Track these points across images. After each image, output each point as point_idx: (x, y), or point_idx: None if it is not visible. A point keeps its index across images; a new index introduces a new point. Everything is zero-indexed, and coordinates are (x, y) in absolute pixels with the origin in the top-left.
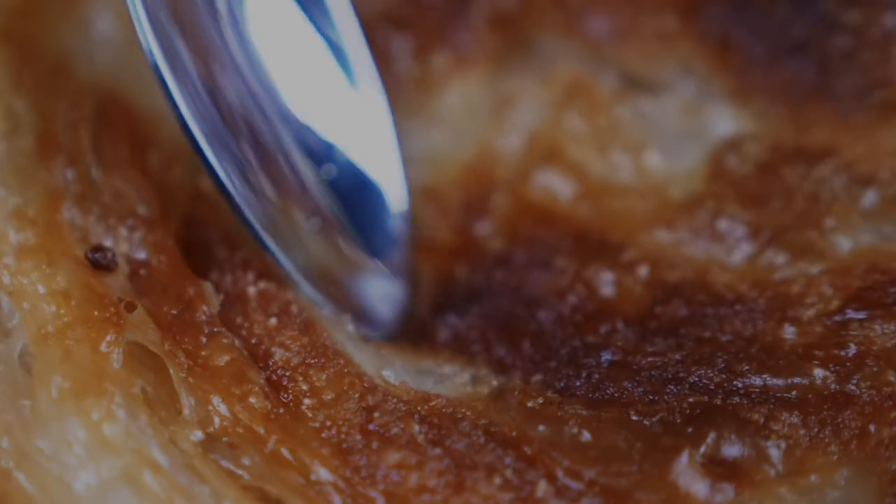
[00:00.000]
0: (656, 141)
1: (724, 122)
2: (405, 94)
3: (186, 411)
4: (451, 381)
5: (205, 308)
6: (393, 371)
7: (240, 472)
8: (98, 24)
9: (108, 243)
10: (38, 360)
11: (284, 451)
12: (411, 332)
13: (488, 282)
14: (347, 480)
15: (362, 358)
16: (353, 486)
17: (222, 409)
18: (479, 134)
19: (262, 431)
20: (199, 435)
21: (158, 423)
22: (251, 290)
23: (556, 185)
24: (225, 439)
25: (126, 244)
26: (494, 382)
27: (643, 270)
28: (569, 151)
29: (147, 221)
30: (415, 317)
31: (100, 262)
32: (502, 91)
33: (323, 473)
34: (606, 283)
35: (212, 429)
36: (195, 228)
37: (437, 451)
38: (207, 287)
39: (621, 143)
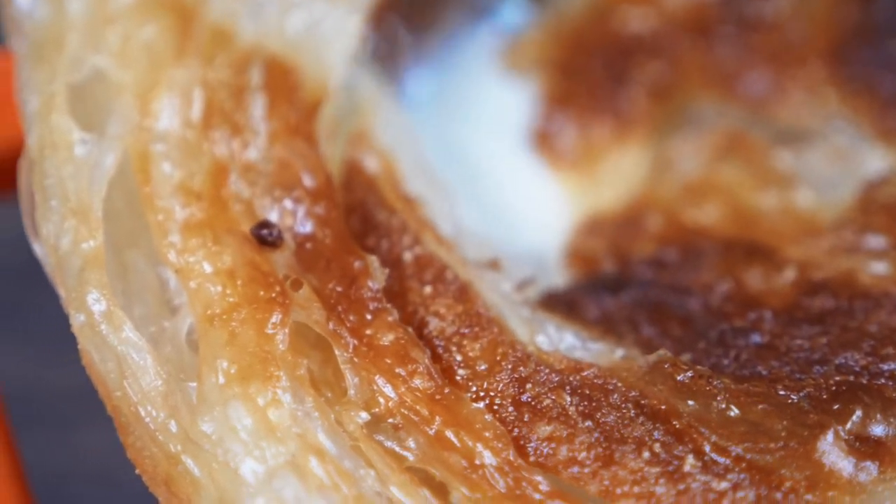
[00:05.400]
0: (808, 181)
1: (874, 161)
2: (567, 167)
3: (351, 392)
4: (602, 356)
5: (370, 283)
6: (546, 337)
7: (405, 453)
8: None
9: (273, 217)
10: (203, 341)
11: (449, 434)
12: (559, 308)
13: (637, 275)
14: (510, 463)
15: (516, 323)
16: (516, 470)
17: (387, 389)
18: (639, 191)
19: (426, 413)
20: (364, 416)
21: (324, 405)
22: (407, 256)
23: (707, 212)
24: (390, 420)
25: (291, 217)
26: (642, 363)
27: (790, 273)
28: (724, 193)
29: (312, 193)
30: (563, 293)
31: (266, 238)
32: (661, 153)
33: (487, 457)
34: (754, 279)
35: (377, 410)
36: (350, 192)
37: (588, 423)
38: (373, 261)
39: (775, 185)
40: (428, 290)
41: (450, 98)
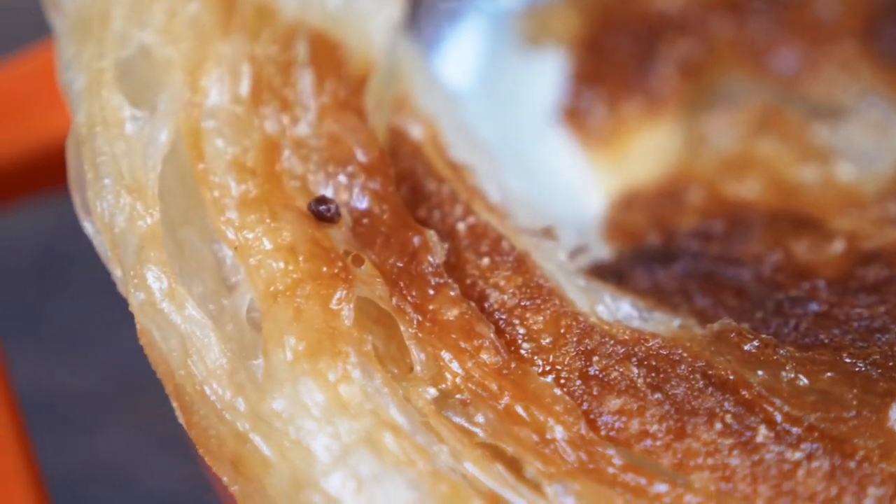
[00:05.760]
0: (847, 155)
1: None
2: (598, 144)
3: (418, 368)
4: (661, 326)
5: (430, 258)
6: (605, 307)
7: (474, 429)
8: None
9: (328, 193)
10: (267, 318)
11: (518, 408)
12: (610, 279)
13: (684, 247)
14: (582, 437)
15: (574, 294)
16: (589, 444)
17: (454, 365)
18: (675, 166)
19: (494, 388)
20: (432, 392)
21: (392, 382)
22: (461, 227)
23: (748, 187)
24: (458, 396)
25: (346, 193)
26: (704, 332)
27: (839, 244)
28: (763, 167)
29: (366, 168)
30: (612, 264)
31: (324, 214)
32: (694, 130)
33: (558, 431)
34: (803, 250)
35: (444, 385)
36: (397, 161)
37: (657, 395)
38: (432, 236)
39: (814, 159)
40: (485, 261)
41: (479, 71)
